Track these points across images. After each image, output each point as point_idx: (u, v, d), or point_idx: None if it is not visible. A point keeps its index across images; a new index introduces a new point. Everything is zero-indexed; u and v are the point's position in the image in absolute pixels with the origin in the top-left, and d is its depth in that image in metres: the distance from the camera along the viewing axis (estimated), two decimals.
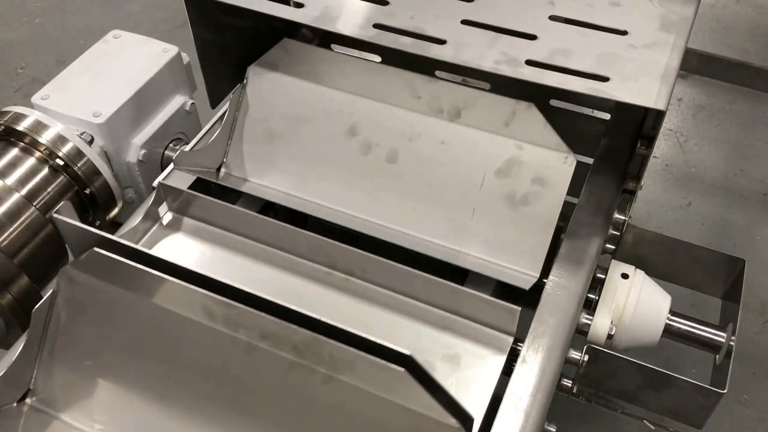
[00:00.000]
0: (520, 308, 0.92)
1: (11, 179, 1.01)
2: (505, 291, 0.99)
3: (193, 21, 1.10)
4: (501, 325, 0.95)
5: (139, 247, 0.85)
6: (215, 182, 1.10)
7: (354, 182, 1.08)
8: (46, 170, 1.04)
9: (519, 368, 0.89)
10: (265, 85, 1.12)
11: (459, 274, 1.02)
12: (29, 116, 1.06)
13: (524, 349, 0.90)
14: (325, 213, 1.07)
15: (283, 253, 1.03)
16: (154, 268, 0.84)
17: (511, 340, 0.94)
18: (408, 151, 1.06)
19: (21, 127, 1.04)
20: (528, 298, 0.96)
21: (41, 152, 1.04)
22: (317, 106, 1.10)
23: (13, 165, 1.03)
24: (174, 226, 1.07)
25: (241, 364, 0.85)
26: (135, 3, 2.67)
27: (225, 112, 1.15)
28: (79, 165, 1.06)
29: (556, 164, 0.99)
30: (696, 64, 2.08)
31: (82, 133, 1.08)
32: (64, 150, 1.05)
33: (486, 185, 1.02)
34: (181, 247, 1.04)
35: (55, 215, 0.85)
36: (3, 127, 1.05)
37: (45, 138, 1.04)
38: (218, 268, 1.01)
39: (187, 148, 1.13)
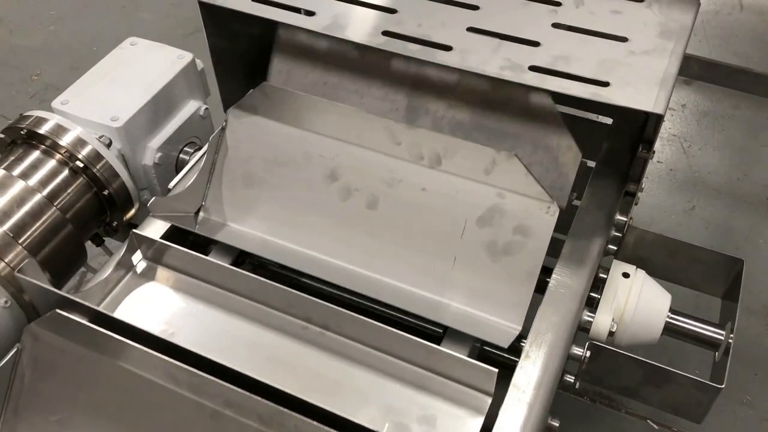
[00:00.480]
0: (497, 370, 0.90)
1: (33, 180, 1.05)
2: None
3: (209, 29, 1.14)
4: (479, 385, 0.92)
5: (101, 309, 0.87)
6: (191, 231, 1.08)
7: (333, 228, 1.06)
8: (66, 172, 1.08)
9: (522, 363, 0.92)
10: (244, 129, 1.10)
11: (440, 324, 1.00)
12: (50, 120, 1.10)
13: (527, 345, 0.93)
14: (302, 262, 1.04)
15: (258, 305, 1.01)
16: (117, 332, 0.84)
17: (489, 400, 0.91)
18: (388, 197, 1.04)
19: (42, 130, 1.08)
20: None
21: (62, 155, 1.08)
22: (297, 150, 1.08)
23: (34, 167, 1.07)
24: (148, 276, 1.05)
25: (206, 430, 0.85)
26: (147, 11, 2.72)
27: (204, 155, 1.12)
28: (97, 167, 1.09)
29: (538, 214, 0.97)
30: (699, 71, 2.11)
31: (100, 137, 1.11)
32: (84, 152, 1.09)
33: (467, 234, 1.01)
34: (154, 298, 1.03)
35: (18, 274, 0.87)
36: (25, 131, 1.09)
37: (65, 141, 1.08)
38: (190, 322, 1.00)
39: (175, 180, 1.12)
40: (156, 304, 1.01)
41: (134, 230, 1.03)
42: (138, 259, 1.05)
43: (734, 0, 2.71)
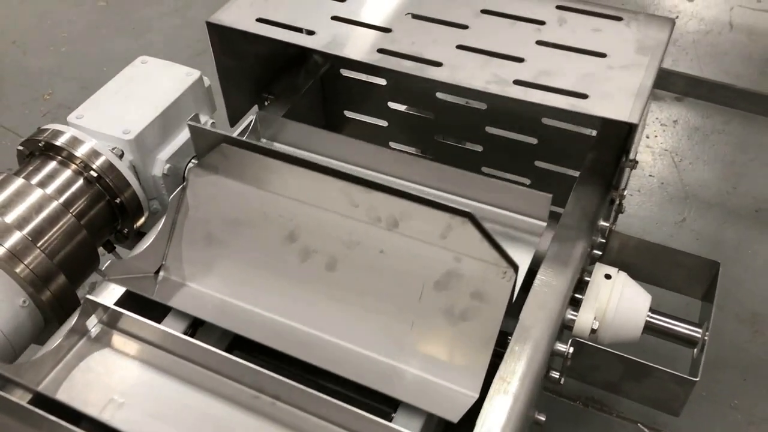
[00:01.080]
0: None
1: (50, 189, 1.12)
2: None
3: (216, 49, 1.22)
4: None
5: (40, 390, 0.90)
6: (148, 296, 1.06)
7: (292, 290, 1.05)
8: (81, 181, 1.15)
9: (507, 357, 0.97)
10: (205, 188, 1.09)
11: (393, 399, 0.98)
12: (66, 133, 1.17)
13: (513, 340, 0.99)
14: (258, 330, 1.03)
15: (211, 374, 0.99)
16: (58, 414, 0.83)
17: None
18: (347, 259, 1.03)
19: (59, 142, 1.15)
20: None
21: (77, 165, 1.15)
22: (256, 210, 1.07)
23: (51, 176, 1.14)
24: (102, 341, 1.03)
25: None
26: (155, 33, 2.81)
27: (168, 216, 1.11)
28: (111, 177, 1.16)
29: (495, 279, 0.96)
30: (690, 88, 2.18)
31: (113, 148, 1.18)
32: (98, 163, 1.16)
33: (425, 298, 1.00)
34: (107, 365, 1.01)
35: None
36: (43, 143, 1.16)
37: (80, 152, 1.15)
38: (141, 391, 0.99)
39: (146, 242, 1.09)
40: (108, 372, 1.00)
41: (88, 296, 1.01)
42: (92, 324, 1.03)
43: (724, 20, 2.79)
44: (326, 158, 1.26)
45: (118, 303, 1.05)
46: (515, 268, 0.95)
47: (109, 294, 1.06)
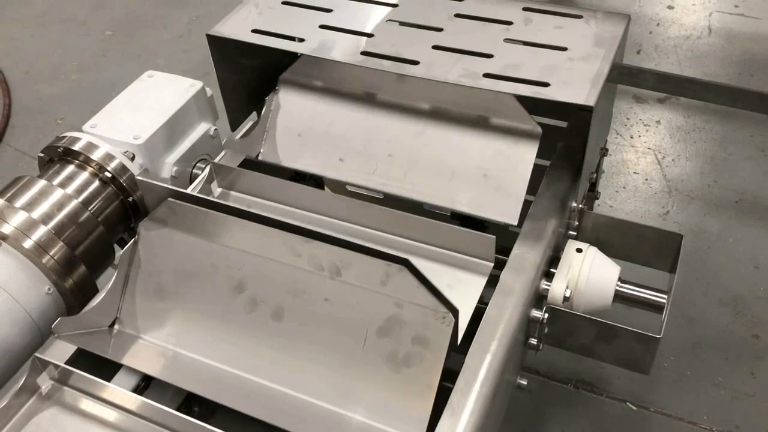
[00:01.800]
0: None
1: (70, 189, 1.23)
2: None
3: (217, 61, 1.34)
4: None
5: None
6: (100, 353, 1.07)
7: (241, 340, 1.07)
8: (97, 182, 1.27)
9: (484, 323, 1.07)
10: (155, 241, 1.11)
11: None
12: (83, 139, 1.29)
13: (489, 306, 1.09)
14: (207, 384, 1.05)
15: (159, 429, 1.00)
16: None
17: None
18: (293, 308, 1.06)
19: (76, 147, 1.27)
20: None
21: (93, 168, 1.27)
22: (205, 261, 1.09)
23: (70, 178, 1.25)
24: (53, 399, 1.03)
25: None
26: (161, 57, 2.95)
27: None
28: (124, 178, 1.28)
29: (435, 324, 0.98)
30: (661, 85, 2.30)
31: (125, 152, 1.30)
32: (112, 165, 1.27)
33: (368, 344, 1.02)
34: (58, 423, 1.01)
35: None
36: (62, 149, 1.28)
37: (96, 156, 1.27)
38: None
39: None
40: (60, 431, 1.01)
41: (36, 354, 1.02)
42: (44, 382, 1.04)
43: (704, 25, 2.92)
44: (280, 205, 1.29)
45: (71, 359, 1.06)
46: (455, 312, 0.97)
47: (61, 351, 1.07)
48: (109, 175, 1.26)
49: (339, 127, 1.33)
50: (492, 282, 1.13)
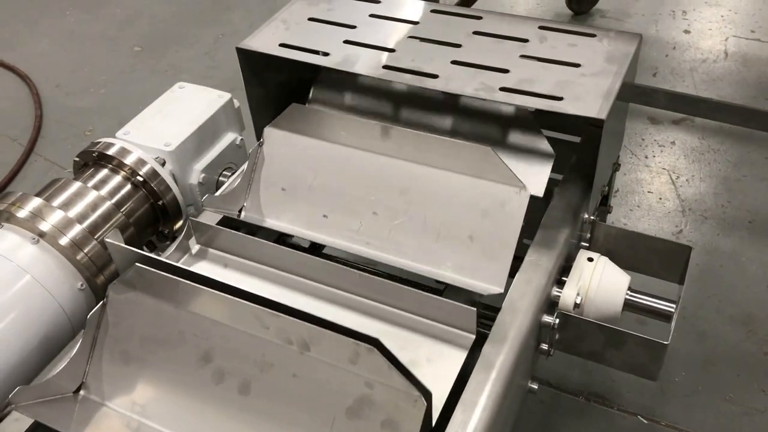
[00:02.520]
0: None
1: (103, 191, 1.30)
2: None
3: (245, 75, 1.40)
4: None
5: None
6: (59, 429, 1.05)
7: (206, 413, 1.05)
8: (129, 186, 1.33)
9: (496, 326, 1.11)
10: (123, 305, 1.09)
11: None
12: (116, 144, 1.35)
13: (501, 313, 1.13)
14: None
15: None
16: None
17: None
18: (260, 382, 1.03)
19: (110, 152, 1.34)
20: None
21: (125, 172, 1.33)
22: (172, 328, 1.07)
23: (104, 181, 1.32)
24: None
25: None
26: (187, 73, 3.04)
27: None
28: (154, 182, 1.34)
29: (406, 408, 0.94)
30: (675, 105, 2.35)
31: (156, 158, 1.37)
32: (144, 170, 1.34)
33: (336, 426, 0.98)
34: None
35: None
36: (96, 153, 1.34)
37: (129, 160, 1.33)
38: None
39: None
40: None
41: None
42: None
43: (720, 49, 2.96)
44: (259, 264, 1.26)
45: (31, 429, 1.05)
46: (427, 396, 0.93)
47: (19, 423, 1.04)
48: (141, 179, 1.33)
49: (324, 180, 1.31)
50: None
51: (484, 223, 1.20)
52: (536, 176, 1.26)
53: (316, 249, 1.44)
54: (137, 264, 1.05)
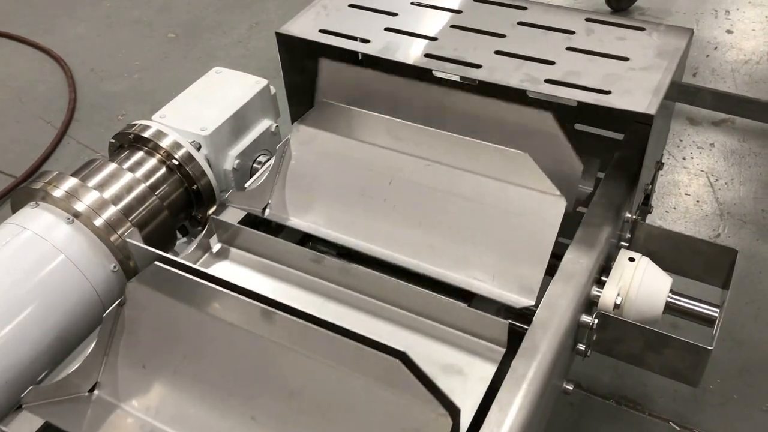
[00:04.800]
0: None
1: (139, 173, 1.29)
2: None
3: (284, 61, 1.39)
4: None
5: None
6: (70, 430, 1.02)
7: (222, 422, 1.01)
8: (164, 169, 1.32)
9: (534, 325, 1.07)
10: (141, 303, 1.06)
11: None
12: (152, 127, 1.34)
13: (540, 309, 1.10)
14: None
15: None
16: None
17: None
18: (277, 392, 1.00)
19: (146, 134, 1.32)
20: None
21: (161, 155, 1.32)
22: (190, 329, 1.05)
23: (139, 164, 1.31)
24: None
25: None
26: (221, 61, 3.03)
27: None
28: (189, 166, 1.32)
29: (432, 423, 0.90)
30: (719, 104, 2.29)
31: (192, 142, 1.35)
32: (179, 154, 1.32)
33: None
34: None
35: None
36: (132, 135, 1.33)
37: (165, 143, 1.32)
38: None
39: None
40: None
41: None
42: None
43: (763, 51, 2.88)
44: (283, 266, 1.23)
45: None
46: (454, 412, 0.89)
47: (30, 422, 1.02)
48: (176, 162, 1.31)
49: (353, 180, 1.27)
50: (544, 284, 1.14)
51: (518, 231, 1.17)
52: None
53: (341, 250, 1.34)
54: (155, 263, 1.02)
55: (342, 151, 1.30)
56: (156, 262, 1.03)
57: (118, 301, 1.07)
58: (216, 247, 1.28)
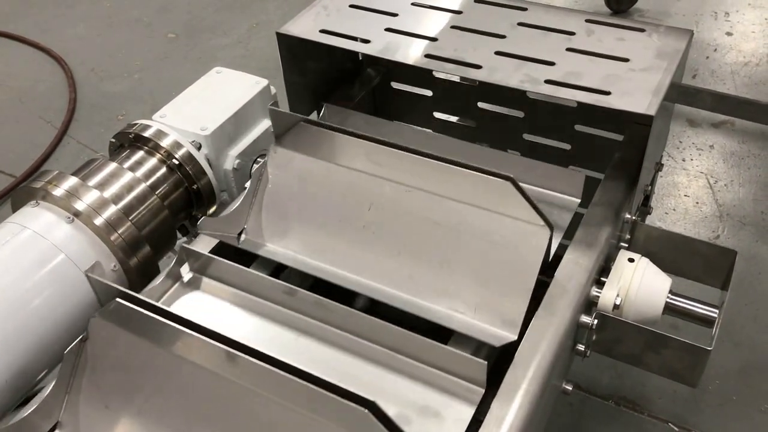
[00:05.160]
0: None
1: (139, 173, 1.29)
2: None
3: (284, 61, 1.39)
4: None
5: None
6: None
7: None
8: (164, 169, 1.32)
9: (534, 323, 1.08)
10: (104, 340, 1.03)
11: None
12: (153, 126, 1.34)
13: (540, 309, 1.10)
14: None
15: None
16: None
17: None
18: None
19: (147, 134, 1.32)
20: None
21: (161, 154, 1.32)
22: (153, 368, 1.00)
23: (140, 163, 1.31)
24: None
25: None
26: (221, 62, 3.03)
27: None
28: (190, 166, 1.32)
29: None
30: (718, 106, 2.29)
31: (192, 141, 1.35)
32: (179, 153, 1.32)
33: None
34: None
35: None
36: (132, 135, 1.33)
37: (165, 143, 1.32)
38: None
39: None
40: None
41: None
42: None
43: (763, 52, 2.89)
44: (252, 296, 1.18)
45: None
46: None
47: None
48: (176, 162, 1.32)
49: (331, 206, 1.22)
50: (542, 285, 1.14)
51: (501, 262, 1.11)
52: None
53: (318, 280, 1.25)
54: (117, 300, 0.98)
55: (321, 174, 1.23)
56: (117, 299, 0.98)
57: (80, 337, 1.02)
58: (187, 276, 1.22)
